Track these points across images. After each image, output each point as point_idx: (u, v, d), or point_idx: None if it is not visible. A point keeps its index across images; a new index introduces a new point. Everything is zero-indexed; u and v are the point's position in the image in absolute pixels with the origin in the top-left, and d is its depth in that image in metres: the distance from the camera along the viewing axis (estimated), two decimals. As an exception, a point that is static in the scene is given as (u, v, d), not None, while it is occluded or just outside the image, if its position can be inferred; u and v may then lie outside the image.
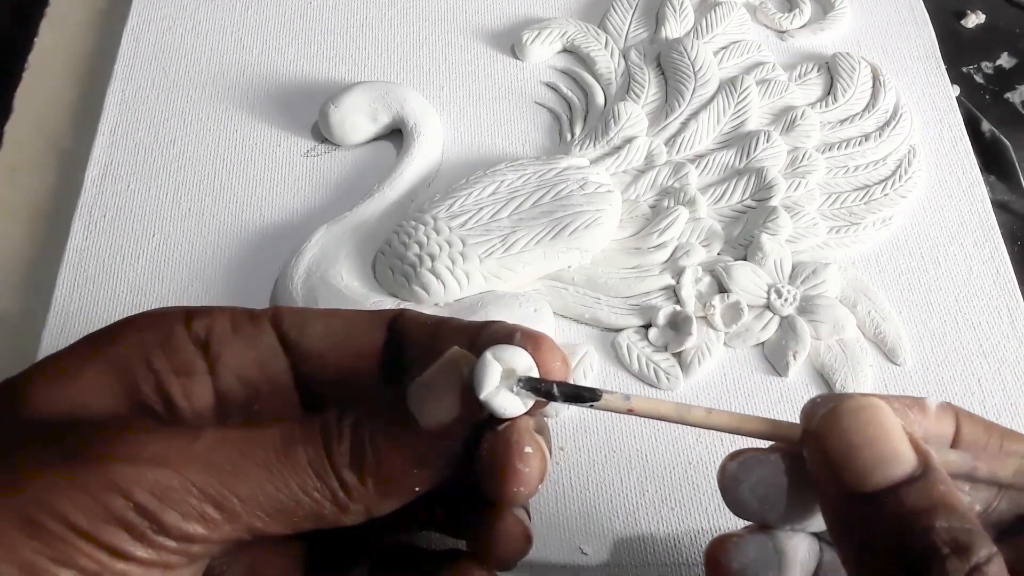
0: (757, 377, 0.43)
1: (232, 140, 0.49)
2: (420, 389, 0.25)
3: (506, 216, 0.44)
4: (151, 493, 0.22)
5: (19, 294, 0.45)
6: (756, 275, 0.44)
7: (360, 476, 0.24)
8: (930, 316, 0.45)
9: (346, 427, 0.24)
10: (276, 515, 0.24)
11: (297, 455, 0.24)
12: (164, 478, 0.22)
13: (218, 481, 0.23)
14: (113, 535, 0.22)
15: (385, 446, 0.24)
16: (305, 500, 0.24)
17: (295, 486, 0.24)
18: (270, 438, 0.24)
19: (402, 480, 0.25)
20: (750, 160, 0.48)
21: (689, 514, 0.39)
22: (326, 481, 0.24)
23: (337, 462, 0.24)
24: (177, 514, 0.22)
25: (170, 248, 0.46)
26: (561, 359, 0.26)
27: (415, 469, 0.25)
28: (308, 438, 0.24)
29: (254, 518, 0.23)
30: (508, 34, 0.55)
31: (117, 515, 0.22)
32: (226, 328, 0.27)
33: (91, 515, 0.22)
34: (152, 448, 0.23)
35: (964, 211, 0.48)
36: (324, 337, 0.27)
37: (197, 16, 0.54)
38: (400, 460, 0.24)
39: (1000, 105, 0.56)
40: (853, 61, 0.53)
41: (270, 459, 0.23)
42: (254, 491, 0.23)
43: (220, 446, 0.23)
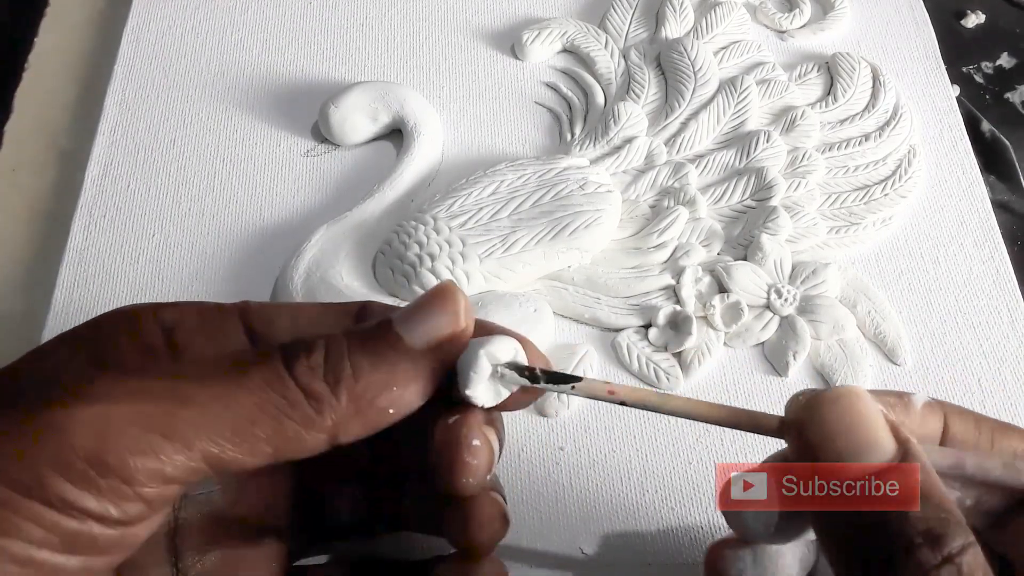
0: (757, 377, 0.43)
1: (232, 140, 0.50)
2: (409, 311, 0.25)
3: (506, 216, 0.44)
4: (90, 431, 0.20)
5: (19, 294, 0.45)
6: (756, 275, 0.44)
7: (334, 388, 0.23)
8: (930, 316, 0.45)
9: (318, 342, 0.24)
10: (231, 437, 0.22)
11: (249, 373, 0.23)
12: (100, 411, 0.21)
13: (163, 410, 0.21)
14: (56, 485, 0.20)
15: (365, 359, 0.24)
16: (262, 417, 0.23)
17: (250, 403, 0.22)
18: (219, 361, 0.23)
19: (378, 397, 0.24)
20: (750, 160, 0.48)
21: (689, 514, 0.39)
22: (287, 394, 0.23)
23: (302, 374, 0.23)
24: (120, 449, 0.21)
25: (170, 248, 0.46)
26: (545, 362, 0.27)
27: (394, 387, 0.24)
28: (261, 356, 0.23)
29: (208, 442, 0.22)
30: (508, 34, 0.55)
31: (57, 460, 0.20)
32: (193, 320, 0.26)
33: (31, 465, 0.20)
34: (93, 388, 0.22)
35: (964, 211, 0.48)
36: (291, 332, 0.27)
37: (197, 16, 0.54)
38: (378, 375, 0.24)
39: (1000, 105, 0.56)
40: (853, 61, 0.53)
41: (218, 379, 0.22)
42: (204, 413, 0.22)
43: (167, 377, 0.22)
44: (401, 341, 0.24)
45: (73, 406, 0.21)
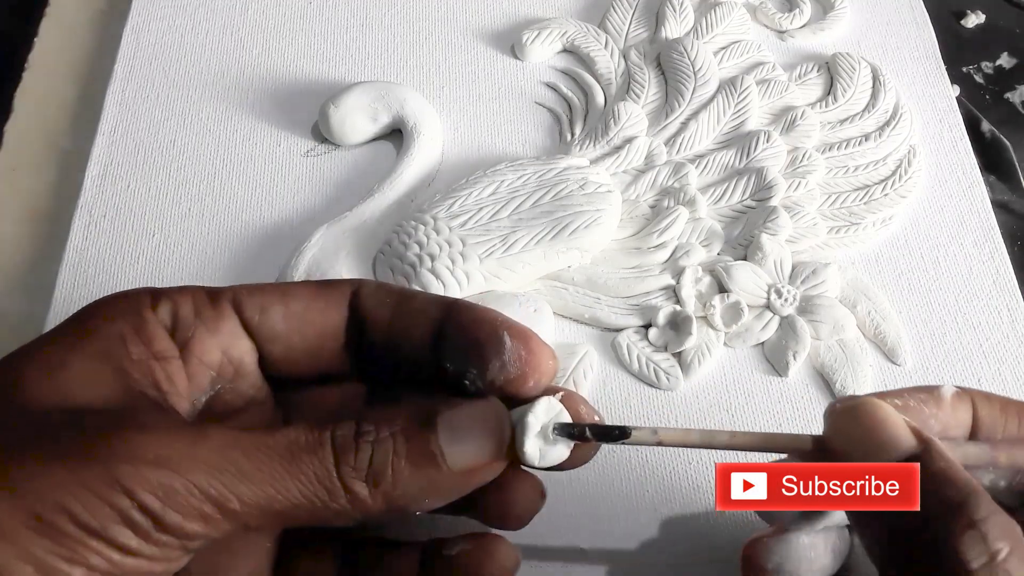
0: (757, 377, 0.43)
1: (232, 140, 0.49)
2: (454, 427, 0.25)
3: (506, 216, 0.44)
4: (154, 494, 0.22)
5: (19, 294, 0.45)
6: (756, 275, 0.44)
7: (372, 492, 0.24)
8: (930, 316, 0.45)
9: (366, 442, 0.24)
10: (273, 515, 0.24)
11: (302, 463, 0.24)
12: (167, 479, 0.22)
13: (220, 483, 0.23)
14: (119, 533, 0.22)
15: (407, 471, 0.24)
16: (305, 505, 0.24)
17: (296, 492, 0.24)
18: (276, 443, 0.24)
19: (411, 504, 0.25)
20: (750, 160, 0.48)
21: (689, 514, 0.39)
22: (331, 490, 0.24)
23: (347, 474, 0.24)
24: (178, 515, 0.23)
25: (170, 248, 0.46)
26: (551, 357, 0.27)
27: (427, 499, 0.25)
28: (316, 447, 0.24)
29: (251, 518, 0.24)
30: (508, 34, 0.55)
31: (122, 514, 0.22)
32: (189, 312, 0.27)
33: (98, 514, 0.22)
34: (155, 448, 0.23)
35: (964, 211, 0.48)
36: (285, 319, 0.27)
37: (197, 16, 0.54)
38: (417, 487, 0.25)
39: (1000, 105, 0.56)
40: (853, 61, 0.53)
41: (274, 464, 0.24)
42: (255, 494, 0.23)
43: (223, 448, 0.23)
44: (444, 459, 0.25)
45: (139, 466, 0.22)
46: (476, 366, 0.26)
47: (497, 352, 0.26)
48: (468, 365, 0.26)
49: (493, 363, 0.26)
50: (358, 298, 0.28)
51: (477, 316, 0.27)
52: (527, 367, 0.26)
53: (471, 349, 0.26)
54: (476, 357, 0.26)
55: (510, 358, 0.26)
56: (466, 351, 0.26)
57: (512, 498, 0.28)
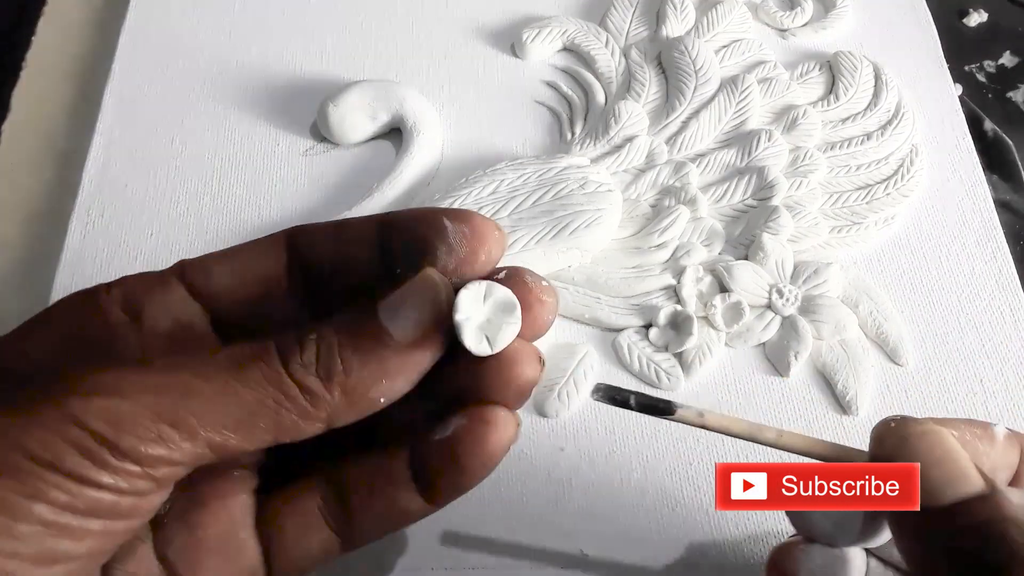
0: (758, 377, 0.43)
1: (231, 139, 0.49)
2: (393, 305, 0.25)
3: (506, 215, 0.44)
4: (104, 420, 0.23)
5: (16, 294, 0.45)
6: (757, 275, 0.44)
7: (326, 384, 0.24)
8: (932, 316, 0.45)
9: (309, 339, 0.25)
10: (235, 428, 0.24)
11: (248, 369, 0.24)
12: (115, 405, 0.23)
13: (171, 402, 0.23)
14: (76, 463, 0.22)
15: (355, 356, 0.25)
16: (263, 410, 0.24)
17: (251, 398, 0.24)
18: (220, 359, 0.24)
19: (369, 390, 0.25)
20: (751, 159, 0.48)
21: (689, 514, 0.39)
22: (284, 390, 0.24)
23: (297, 371, 0.24)
24: (133, 437, 0.23)
25: (168, 248, 0.45)
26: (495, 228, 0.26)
27: (383, 380, 0.25)
28: (259, 352, 0.24)
29: (213, 432, 0.24)
30: (508, 33, 0.54)
31: (76, 444, 0.22)
32: (138, 289, 0.27)
33: (53, 447, 0.22)
34: (103, 379, 0.23)
35: (966, 210, 0.48)
36: (229, 275, 0.28)
37: (196, 15, 0.54)
38: (368, 370, 0.25)
39: (1002, 104, 0.56)
40: (855, 60, 0.53)
41: (222, 376, 0.24)
42: (208, 407, 0.23)
43: (170, 371, 0.24)
44: (388, 335, 0.25)
45: (87, 396, 0.23)
46: (424, 258, 0.26)
47: (441, 237, 0.26)
48: (417, 262, 0.26)
49: (440, 249, 0.26)
50: (295, 240, 0.28)
51: (413, 214, 0.27)
52: (474, 242, 0.26)
53: (416, 244, 0.26)
54: (422, 251, 0.26)
55: (455, 239, 0.26)
56: (412, 248, 0.26)
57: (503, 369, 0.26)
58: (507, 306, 0.25)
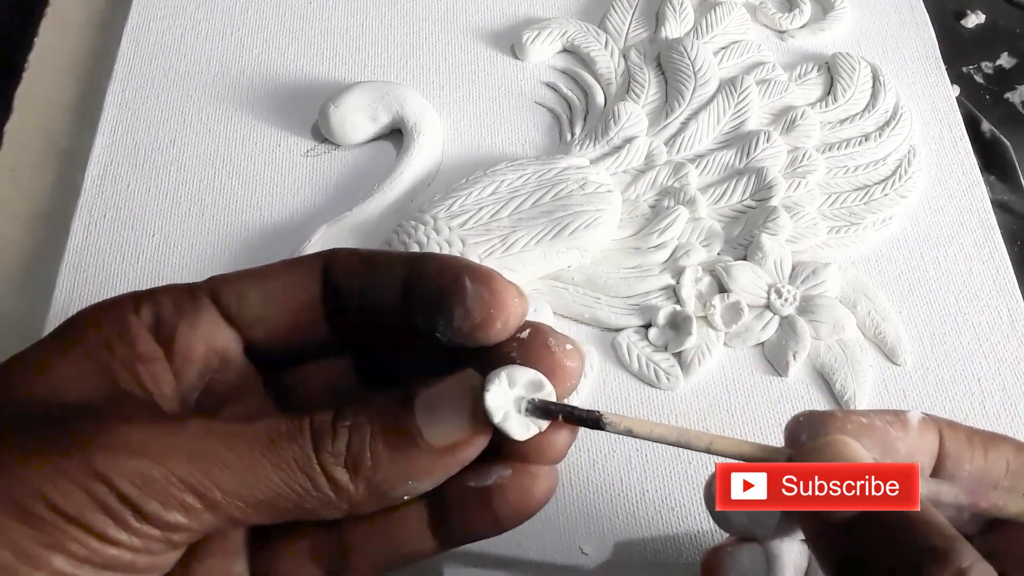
0: (757, 377, 0.43)
1: (232, 140, 0.49)
2: (429, 404, 0.25)
3: (506, 216, 0.44)
4: (132, 482, 0.22)
5: (19, 294, 0.45)
6: (756, 275, 0.44)
7: (353, 478, 0.24)
8: (930, 316, 0.45)
9: (343, 427, 0.24)
10: (257, 506, 0.24)
11: (282, 450, 0.24)
12: (145, 468, 0.22)
13: (200, 472, 0.23)
14: (98, 521, 0.22)
15: (385, 453, 0.24)
16: (288, 494, 0.24)
17: (278, 480, 0.23)
18: (254, 432, 0.24)
19: (395, 488, 0.25)
20: (750, 160, 0.48)
21: (689, 514, 0.39)
22: (312, 477, 0.24)
23: (327, 460, 0.24)
24: (158, 503, 0.22)
25: (170, 248, 0.46)
26: (516, 295, 0.26)
27: (410, 480, 0.25)
28: (294, 434, 0.24)
29: (234, 508, 0.23)
30: (508, 34, 0.55)
31: (101, 502, 0.22)
32: (169, 311, 0.27)
33: (77, 502, 0.22)
34: (134, 437, 0.23)
35: (964, 211, 0.48)
36: (263, 302, 0.27)
37: (197, 16, 0.54)
38: (396, 468, 0.24)
39: (1000, 105, 0.56)
40: (853, 61, 0.53)
41: (254, 453, 0.23)
42: (235, 483, 0.23)
43: (203, 438, 0.23)
44: (422, 437, 0.24)
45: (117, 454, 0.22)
46: (443, 316, 0.25)
47: (459, 298, 0.25)
48: (436, 317, 0.25)
49: (457, 310, 0.25)
50: (330, 267, 0.27)
51: (440, 265, 0.26)
52: (492, 309, 0.25)
53: (435, 300, 0.25)
54: (441, 307, 0.25)
55: (473, 303, 0.25)
56: (431, 303, 0.25)
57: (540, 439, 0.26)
58: (537, 386, 0.25)
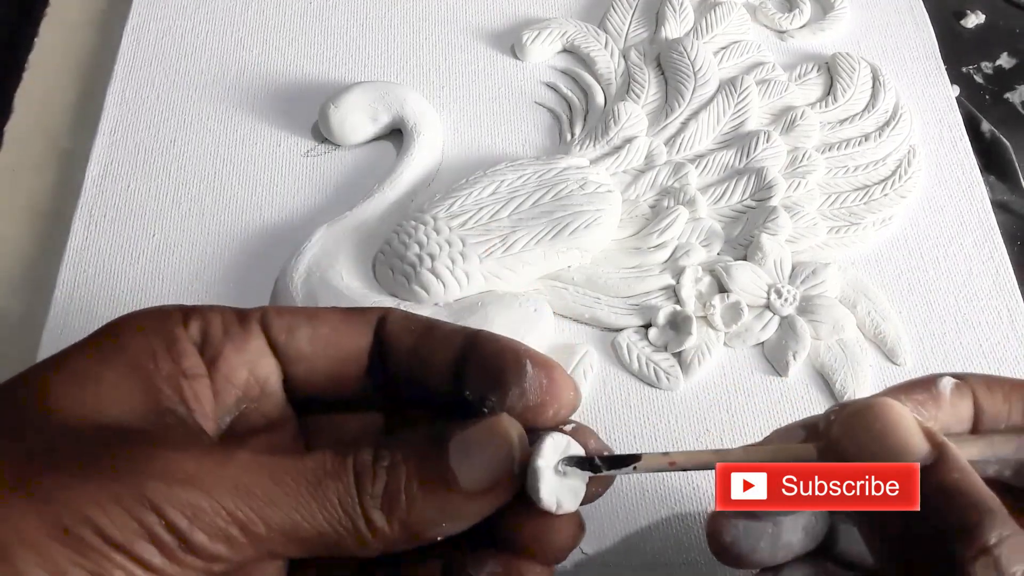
0: (757, 377, 0.43)
1: (232, 140, 0.50)
2: (464, 448, 0.25)
3: (506, 216, 0.44)
4: (182, 512, 0.22)
5: (19, 294, 0.45)
6: (756, 275, 0.44)
7: (388, 519, 0.24)
8: (930, 316, 0.45)
9: (381, 468, 0.24)
10: (297, 542, 0.24)
11: (327, 490, 0.24)
12: (195, 499, 0.22)
13: (247, 506, 0.23)
14: (144, 549, 0.22)
15: (420, 495, 0.24)
16: (328, 532, 0.24)
17: (321, 519, 0.24)
18: (303, 468, 0.24)
19: (428, 529, 0.25)
20: (750, 160, 0.48)
21: (689, 514, 0.39)
22: (353, 519, 0.24)
23: (367, 502, 0.24)
24: (205, 535, 0.23)
25: (170, 248, 0.46)
26: (573, 388, 0.26)
27: (443, 523, 0.25)
28: (340, 474, 0.24)
29: (275, 543, 0.24)
30: (508, 34, 0.55)
31: (149, 531, 0.22)
32: (218, 330, 0.27)
33: (124, 529, 0.22)
34: (185, 467, 0.23)
35: (964, 211, 0.48)
36: (311, 341, 0.27)
37: (197, 16, 0.54)
38: (432, 512, 0.24)
39: (1000, 105, 0.56)
40: (853, 61, 0.53)
41: (300, 490, 0.24)
42: (281, 519, 0.23)
43: (252, 471, 0.23)
44: (456, 480, 0.24)
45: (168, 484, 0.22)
46: (496, 393, 0.26)
47: (518, 379, 0.26)
48: (488, 392, 0.26)
49: (513, 390, 0.26)
50: (384, 324, 0.28)
51: (501, 345, 0.27)
52: (547, 396, 0.26)
53: (492, 376, 0.26)
54: (497, 384, 0.26)
55: (531, 385, 0.26)
56: (487, 378, 0.26)
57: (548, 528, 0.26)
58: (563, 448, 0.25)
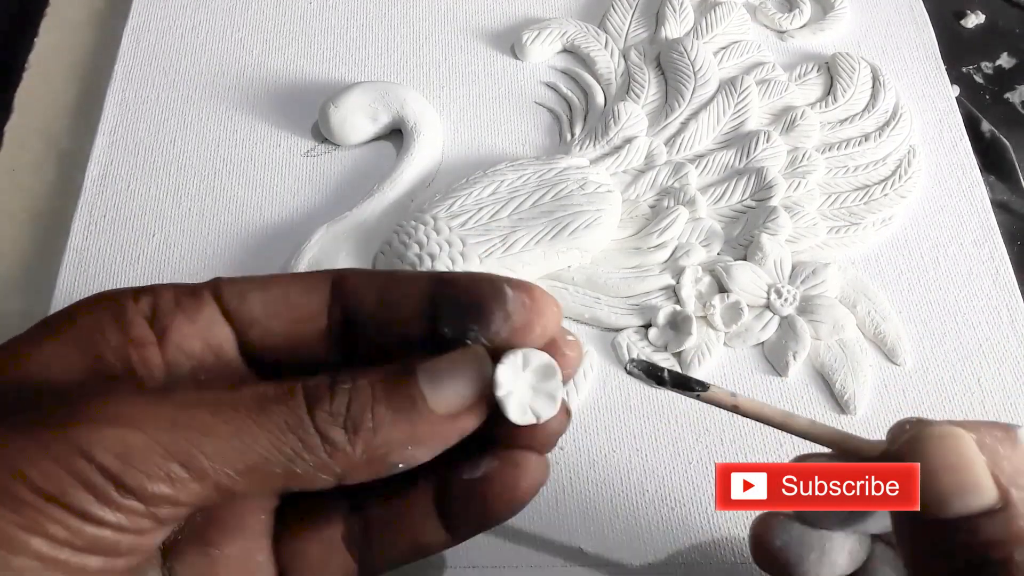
0: (757, 377, 0.43)
1: (232, 140, 0.50)
2: (435, 372, 0.24)
3: (506, 216, 0.44)
4: (113, 453, 0.22)
5: (19, 294, 0.45)
6: (756, 275, 0.44)
7: (352, 438, 0.24)
8: (930, 316, 0.45)
9: (342, 389, 0.24)
10: (246, 473, 0.23)
11: (271, 412, 0.23)
12: (127, 437, 0.22)
13: (184, 439, 0.22)
14: (78, 498, 0.21)
15: (388, 416, 0.24)
16: (277, 457, 0.23)
17: (267, 443, 0.23)
18: (242, 398, 0.23)
19: (392, 453, 0.24)
20: (750, 160, 0.48)
21: (689, 514, 0.39)
22: (304, 439, 0.23)
23: (323, 420, 0.23)
24: (141, 474, 0.22)
25: (170, 248, 0.46)
26: (555, 304, 0.26)
27: (409, 446, 0.24)
28: (283, 397, 0.23)
29: (222, 476, 0.23)
30: (508, 34, 0.55)
31: (81, 477, 0.21)
32: (169, 302, 0.26)
33: (56, 479, 0.21)
34: (116, 408, 0.22)
35: (964, 211, 0.48)
36: (265, 304, 0.27)
37: (197, 16, 0.54)
38: (397, 433, 0.24)
39: (1000, 105, 0.56)
40: (853, 61, 0.53)
41: (240, 416, 0.23)
42: (222, 447, 0.22)
43: (188, 406, 0.23)
44: (425, 402, 0.24)
45: (98, 426, 0.22)
46: (477, 322, 0.25)
47: (499, 303, 0.25)
48: (468, 324, 0.25)
49: (496, 315, 0.25)
50: (342, 282, 0.27)
51: (473, 277, 0.26)
52: (531, 313, 0.25)
53: (472, 307, 0.25)
54: (479, 313, 0.25)
55: (513, 307, 0.25)
56: (466, 310, 0.25)
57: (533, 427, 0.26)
58: (548, 372, 0.25)
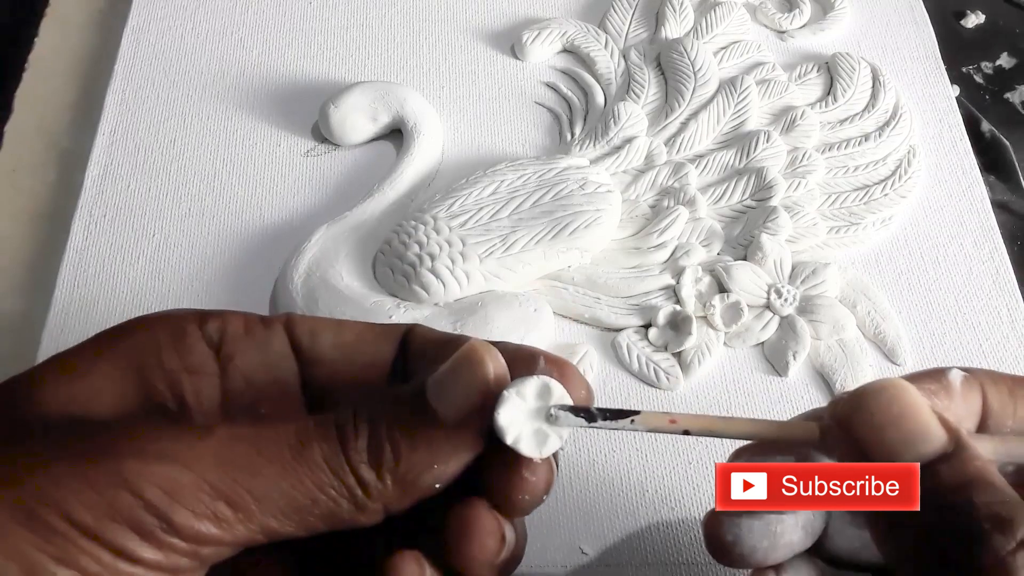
0: (757, 377, 0.43)
1: (232, 140, 0.50)
2: (439, 382, 0.24)
3: (506, 216, 0.44)
4: (161, 489, 0.21)
5: (19, 294, 0.45)
6: (756, 275, 0.44)
7: (378, 473, 0.24)
8: (930, 316, 0.45)
9: (363, 422, 0.24)
10: (291, 514, 0.23)
11: (312, 451, 0.23)
12: (175, 474, 0.22)
13: (231, 478, 0.22)
14: (119, 534, 0.21)
15: (403, 442, 0.24)
16: (321, 498, 0.23)
17: (310, 483, 0.23)
18: (284, 435, 0.23)
19: (421, 476, 0.24)
20: (750, 160, 0.48)
21: (689, 514, 0.39)
22: (343, 478, 0.23)
23: (354, 458, 0.23)
24: (188, 512, 0.22)
25: (170, 248, 0.46)
26: (586, 387, 0.26)
27: (435, 464, 0.24)
28: (323, 434, 0.23)
29: (268, 517, 0.23)
30: (508, 34, 0.55)
31: (125, 513, 0.21)
32: (239, 330, 0.26)
33: (97, 512, 0.21)
34: (163, 444, 0.22)
35: (964, 211, 0.48)
36: (335, 346, 0.27)
37: (197, 16, 0.54)
38: (418, 456, 0.24)
39: (1000, 105, 0.56)
40: (853, 61, 0.53)
41: (284, 456, 0.23)
42: (268, 488, 0.22)
43: (233, 443, 0.23)
44: (437, 417, 0.24)
45: (146, 461, 0.22)
46: None
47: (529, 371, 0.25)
48: None
49: None
50: (409, 337, 0.28)
51: (514, 346, 0.26)
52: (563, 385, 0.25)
53: None
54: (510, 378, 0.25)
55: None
56: None
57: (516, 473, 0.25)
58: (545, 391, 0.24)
